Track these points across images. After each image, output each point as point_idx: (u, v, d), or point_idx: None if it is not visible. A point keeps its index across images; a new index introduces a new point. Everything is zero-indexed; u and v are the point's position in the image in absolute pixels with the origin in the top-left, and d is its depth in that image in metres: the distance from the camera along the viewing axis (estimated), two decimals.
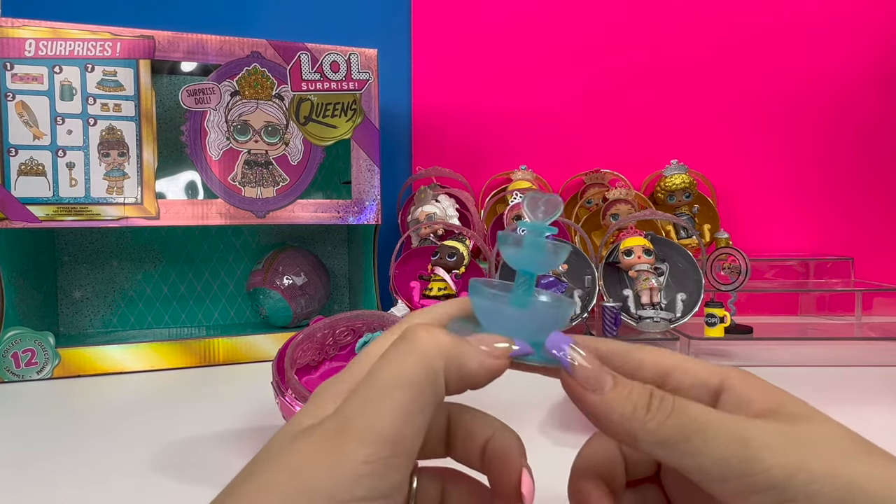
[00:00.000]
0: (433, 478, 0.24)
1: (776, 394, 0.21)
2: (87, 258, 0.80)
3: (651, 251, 0.72)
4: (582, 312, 0.73)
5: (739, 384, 0.21)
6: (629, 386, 0.21)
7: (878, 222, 1.01)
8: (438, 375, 0.20)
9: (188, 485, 0.38)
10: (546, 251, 0.23)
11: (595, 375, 0.21)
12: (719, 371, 0.22)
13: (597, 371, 0.21)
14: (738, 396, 0.21)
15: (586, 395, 0.21)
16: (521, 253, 0.23)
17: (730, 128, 1.00)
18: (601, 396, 0.21)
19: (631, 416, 0.20)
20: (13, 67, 0.61)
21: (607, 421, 0.21)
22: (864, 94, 0.99)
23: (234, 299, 0.86)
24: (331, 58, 0.71)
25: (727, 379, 0.22)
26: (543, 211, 0.23)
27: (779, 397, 0.21)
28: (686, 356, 0.23)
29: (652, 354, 0.23)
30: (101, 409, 0.55)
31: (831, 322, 0.89)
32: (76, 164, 0.64)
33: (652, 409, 0.20)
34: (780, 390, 0.21)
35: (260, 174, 0.70)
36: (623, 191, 0.88)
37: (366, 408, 0.19)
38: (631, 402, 0.20)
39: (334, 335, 0.48)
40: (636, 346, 0.24)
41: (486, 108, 0.97)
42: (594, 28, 0.97)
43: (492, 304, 0.23)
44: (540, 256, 0.23)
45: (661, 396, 0.20)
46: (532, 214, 0.23)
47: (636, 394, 0.21)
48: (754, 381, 0.22)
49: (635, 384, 0.21)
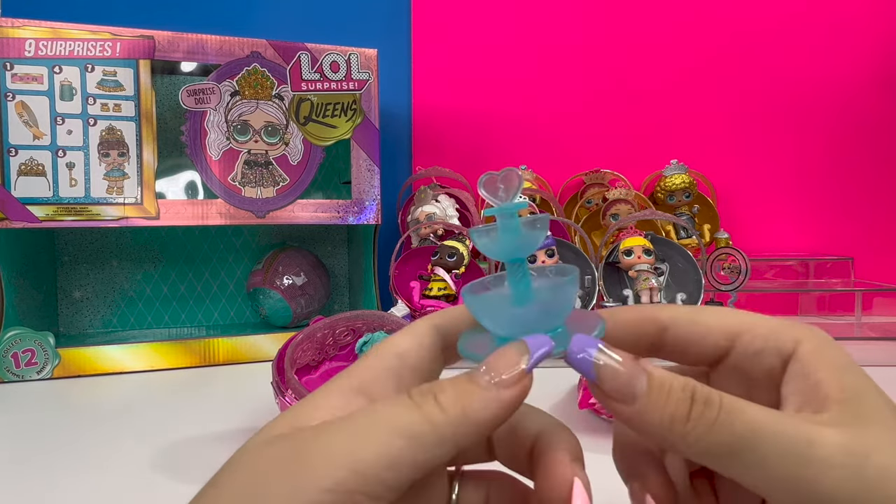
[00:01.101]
0: (477, 483, 0.21)
1: (851, 377, 0.18)
2: (87, 258, 0.80)
3: (651, 251, 0.72)
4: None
5: (811, 356, 0.19)
6: (666, 389, 0.18)
7: (878, 222, 1.01)
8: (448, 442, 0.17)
9: (188, 485, 0.38)
10: (522, 231, 0.20)
11: (626, 383, 0.18)
12: (793, 332, 0.19)
13: (627, 377, 0.18)
14: (806, 373, 0.18)
15: (617, 406, 0.18)
16: (499, 242, 0.20)
17: (730, 128, 1.00)
18: (632, 408, 0.18)
19: (669, 428, 0.17)
20: (13, 67, 0.61)
21: (643, 432, 0.18)
22: (865, 95, 0.99)
23: (234, 299, 0.86)
24: (331, 58, 0.71)
25: (799, 346, 0.19)
26: (504, 189, 0.20)
27: (853, 386, 0.18)
28: (758, 315, 0.21)
29: (719, 317, 0.21)
30: (101, 409, 0.55)
31: (831, 322, 0.89)
32: (76, 164, 0.64)
33: (693, 419, 0.17)
34: (855, 370, 0.18)
35: (260, 174, 0.70)
36: (623, 191, 0.88)
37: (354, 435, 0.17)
38: (668, 412, 0.17)
39: (334, 335, 0.48)
40: (701, 309, 0.21)
41: (486, 108, 0.97)
42: (594, 28, 0.97)
43: (492, 306, 0.21)
44: (519, 238, 0.20)
45: (706, 400, 0.17)
46: (494, 198, 0.20)
47: (674, 401, 0.18)
48: (828, 351, 0.19)
49: (675, 386, 0.18)
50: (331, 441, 0.17)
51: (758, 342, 0.20)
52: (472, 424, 0.17)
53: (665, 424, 0.17)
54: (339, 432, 0.17)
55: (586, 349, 0.18)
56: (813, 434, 0.17)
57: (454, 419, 0.17)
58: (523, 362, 0.18)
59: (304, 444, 0.17)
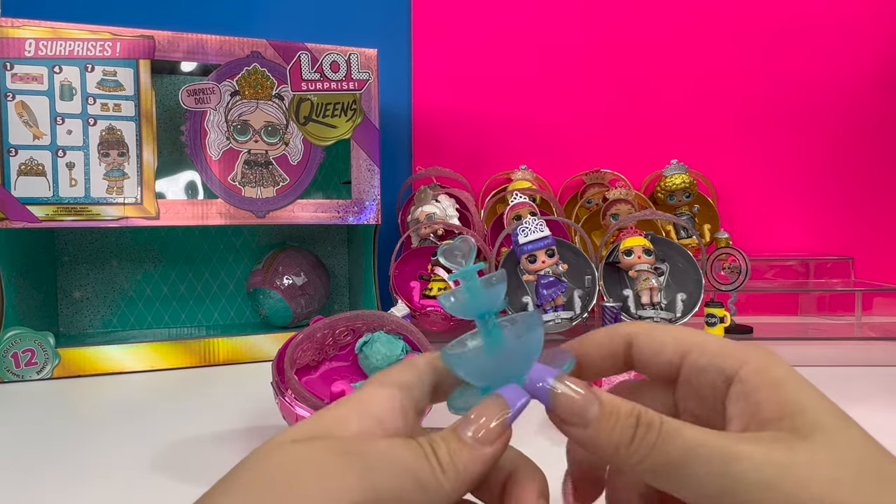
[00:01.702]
0: None
1: (791, 396, 0.19)
2: (86, 258, 0.80)
3: (651, 251, 0.72)
4: (582, 312, 0.73)
5: (753, 376, 0.20)
6: (615, 416, 0.20)
7: (878, 222, 1.01)
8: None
9: (188, 485, 0.38)
10: (483, 290, 0.23)
11: (580, 408, 0.20)
12: (739, 354, 0.21)
13: (581, 404, 0.20)
14: (747, 394, 0.20)
15: (570, 430, 0.20)
16: (464, 303, 0.23)
17: (730, 128, 1.00)
18: (584, 431, 0.20)
19: (616, 450, 0.19)
20: (13, 67, 0.61)
21: (595, 453, 0.20)
22: (865, 95, 0.99)
23: (234, 299, 0.86)
24: (331, 58, 0.71)
25: (742, 367, 0.20)
26: (462, 255, 0.23)
27: (792, 403, 0.19)
28: (713, 336, 0.22)
29: (674, 334, 0.22)
30: (100, 410, 0.55)
31: (831, 322, 0.89)
32: (76, 164, 0.64)
33: (636, 441, 0.19)
34: (799, 388, 0.20)
35: (260, 174, 0.70)
36: (623, 191, 0.88)
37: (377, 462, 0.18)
38: (616, 436, 0.19)
39: (334, 335, 0.48)
40: (661, 327, 0.23)
41: (487, 108, 0.97)
42: (594, 28, 0.97)
43: (468, 361, 0.23)
44: (482, 296, 0.23)
45: (648, 424, 0.19)
46: (454, 264, 0.23)
47: (620, 426, 0.19)
48: (772, 371, 0.20)
49: (622, 411, 0.20)
50: (359, 461, 0.18)
51: (703, 360, 0.21)
52: (464, 482, 0.20)
53: (613, 446, 0.19)
54: (367, 457, 0.18)
55: (545, 379, 0.21)
56: (738, 451, 0.18)
57: (451, 477, 0.19)
58: (502, 417, 0.20)
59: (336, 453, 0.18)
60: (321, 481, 0.17)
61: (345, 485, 0.17)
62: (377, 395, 0.21)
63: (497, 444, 0.20)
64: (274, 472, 0.18)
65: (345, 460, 0.18)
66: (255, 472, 0.18)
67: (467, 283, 0.23)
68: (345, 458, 0.18)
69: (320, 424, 0.20)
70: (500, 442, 0.20)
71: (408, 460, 0.19)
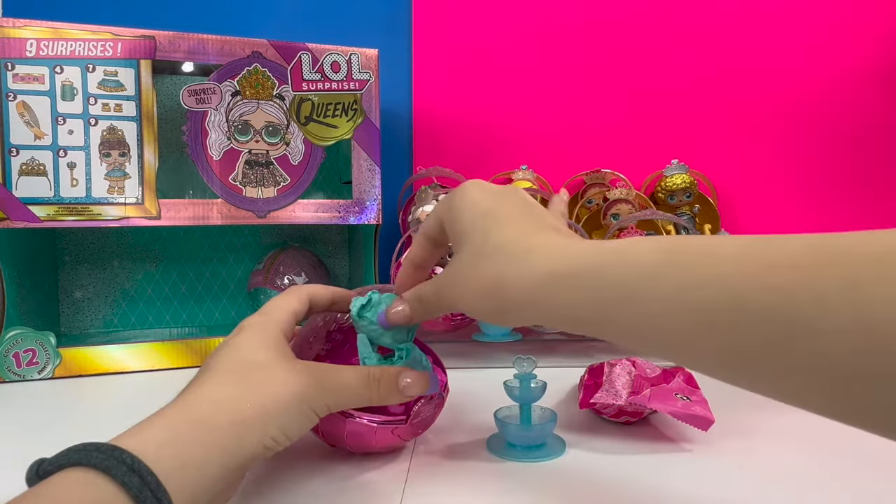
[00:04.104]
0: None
1: (458, 227, 0.34)
2: (88, 258, 0.80)
3: None
4: None
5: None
6: (417, 301, 0.37)
7: (879, 222, 1.01)
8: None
9: None
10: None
11: (401, 312, 0.38)
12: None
13: (401, 310, 0.38)
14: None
15: (403, 318, 0.38)
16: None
17: (730, 128, 1.00)
18: (409, 313, 0.38)
19: (421, 307, 0.37)
20: (14, 67, 0.61)
21: (413, 319, 0.38)
22: (865, 95, 0.99)
23: (235, 299, 0.86)
24: (331, 58, 0.71)
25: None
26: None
27: (460, 230, 0.34)
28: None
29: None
30: (102, 409, 0.55)
31: None
32: (77, 164, 0.64)
33: (424, 303, 0.37)
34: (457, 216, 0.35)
35: (261, 174, 0.70)
36: (624, 191, 0.88)
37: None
38: (418, 308, 0.37)
39: (336, 320, 0.48)
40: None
41: (487, 108, 0.97)
42: (594, 28, 0.97)
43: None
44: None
45: (419, 297, 0.37)
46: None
47: (419, 305, 0.37)
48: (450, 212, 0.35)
49: (418, 298, 0.37)
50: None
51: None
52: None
53: (422, 309, 0.37)
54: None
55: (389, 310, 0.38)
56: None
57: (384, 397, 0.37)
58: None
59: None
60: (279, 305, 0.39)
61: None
62: (274, 320, 0.37)
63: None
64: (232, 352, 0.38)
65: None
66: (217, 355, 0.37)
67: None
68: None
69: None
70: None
71: (354, 381, 0.36)
